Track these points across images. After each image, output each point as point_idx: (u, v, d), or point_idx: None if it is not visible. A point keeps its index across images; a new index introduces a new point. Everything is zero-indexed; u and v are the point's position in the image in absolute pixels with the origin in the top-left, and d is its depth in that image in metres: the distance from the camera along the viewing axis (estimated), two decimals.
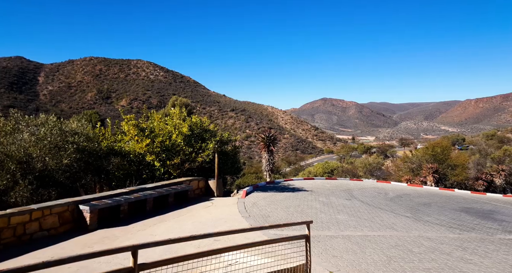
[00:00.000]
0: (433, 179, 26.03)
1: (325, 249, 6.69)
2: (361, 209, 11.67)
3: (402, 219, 10.30)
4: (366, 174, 40.39)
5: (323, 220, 9.43)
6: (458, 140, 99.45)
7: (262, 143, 22.14)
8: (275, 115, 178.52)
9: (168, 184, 10.33)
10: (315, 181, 21.34)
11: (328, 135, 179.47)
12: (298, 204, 11.94)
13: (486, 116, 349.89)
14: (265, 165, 21.72)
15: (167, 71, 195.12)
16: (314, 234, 7.84)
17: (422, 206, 13.27)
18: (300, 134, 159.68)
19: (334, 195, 14.93)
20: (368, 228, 8.70)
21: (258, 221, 8.65)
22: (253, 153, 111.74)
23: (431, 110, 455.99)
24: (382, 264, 5.83)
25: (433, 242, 7.51)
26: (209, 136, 12.60)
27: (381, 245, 7.06)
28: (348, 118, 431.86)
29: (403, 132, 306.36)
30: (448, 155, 30.95)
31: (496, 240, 7.94)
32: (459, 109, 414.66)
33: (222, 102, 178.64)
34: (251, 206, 10.85)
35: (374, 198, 14.71)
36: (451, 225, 9.65)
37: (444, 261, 6.09)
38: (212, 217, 8.87)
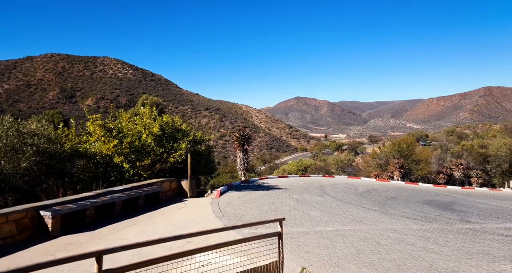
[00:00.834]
0: (399, 173, 27.31)
1: (298, 245, 6.79)
2: (332, 204, 11.97)
3: (371, 213, 10.69)
4: (338, 170, 41.60)
5: (297, 217, 9.57)
6: (422, 136, 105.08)
7: (236, 142, 22.07)
8: (249, 114, 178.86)
9: (138, 186, 10.01)
10: (289, 179, 21.63)
11: (302, 133, 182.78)
12: (273, 202, 12.03)
13: (446, 114, 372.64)
14: (240, 164, 21.68)
15: (137, 69, 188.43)
16: (288, 231, 7.95)
17: (389, 200, 13.85)
18: (275, 133, 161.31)
19: (307, 192, 15.21)
20: (339, 223, 8.94)
21: (232, 221, 8.61)
22: (228, 152, 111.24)
23: (398, 108, 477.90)
24: (352, 257, 6.02)
25: (399, 234, 7.87)
26: (181, 136, 12.34)
27: (351, 239, 7.28)
28: (320, 117, 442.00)
29: (372, 129, 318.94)
30: (413, 151, 32.50)
31: (454, 230, 8.46)
32: (422, 107, 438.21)
33: (196, 101, 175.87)
34: (225, 205, 10.78)
35: (345, 194, 15.16)
36: (415, 217, 10.17)
37: (409, 251, 6.40)
38: (185, 219, 8.71)
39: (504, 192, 20.65)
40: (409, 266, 5.55)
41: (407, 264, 5.63)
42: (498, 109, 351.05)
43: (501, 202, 15.08)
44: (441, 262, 5.72)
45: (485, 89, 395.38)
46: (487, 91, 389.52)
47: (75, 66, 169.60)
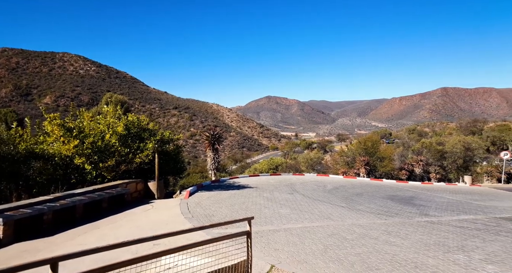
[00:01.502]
0: (365, 170, 28.42)
1: (268, 243, 6.83)
2: (302, 202, 12.19)
3: (338, 209, 11.02)
4: (308, 168, 42.45)
5: (267, 215, 9.63)
6: (386, 134, 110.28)
7: (207, 142, 21.77)
8: (220, 113, 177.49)
9: (101, 188, 9.54)
10: (260, 178, 21.74)
11: (273, 132, 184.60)
12: (243, 201, 12.02)
13: (408, 113, 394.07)
14: (210, 164, 21.42)
15: (100, 66, 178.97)
16: (258, 229, 7.97)
17: (355, 196, 14.37)
18: (246, 132, 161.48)
19: (278, 190, 15.37)
20: (308, 220, 9.12)
21: (202, 221, 8.48)
22: (198, 152, 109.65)
23: (364, 107, 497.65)
24: (319, 253, 6.15)
25: (363, 228, 8.18)
26: (148, 136, 11.93)
27: (319, 235, 7.45)
28: (291, 116, 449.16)
29: (340, 128, 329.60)
30: (377, 149, 33.94)
31: (414, 223, 8.96)
32: (386, 106, 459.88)
33: (164, 99, 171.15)
34: (194, 206, 10.60)
35: (314, 191, 15.51)
36: (379, 212, 10.63)
37: (373, 245, 6.67)
38: (152, 221, 8.44)
39: (459, 186, 22.20)
40: (373, 259, 5.78)
41: (370, 258, 5.86)
42: (454, 108, 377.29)
43: (456, 195, 16.19)
44: (402, 254, 6.02)
45: (442, 89, 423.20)
46: (444, 91, 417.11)
47: (30, 62, 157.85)
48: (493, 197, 16.32)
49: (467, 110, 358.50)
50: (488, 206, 12.49)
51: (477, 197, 15.65)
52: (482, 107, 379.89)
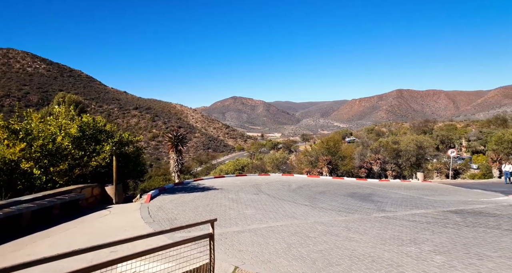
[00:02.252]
0: (327, 169, 29.42)
1: (232, 244, 6.78)
2: (267, 202, 12.28)
3: (301, 208, 11.24)
4: (274, 168, 42.96)
5: (231, 217, 9.56)
6: (347, 134, 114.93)
7: (169, 143, 21.13)
8: (184, 113, 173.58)
9: (52, 194, 8.85)
10: (226, 179, 21.58)
11: (239, 133, 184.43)
12: (208, 203, 11.83)
13: (367, 113, 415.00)
14: (173, 166, 20.82)
15: (51, 64, 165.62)
16: (222, 231, 7.89)
17: (318, 195, 14.78)
18: (212, 133, 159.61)
19: (243, 191, 15.35)
20: (272, 220, 9.19)
21: (163, 226, 8.21)
22: (161, 153, 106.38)
23: (326, 108, 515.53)
24: (283, 252, 6.22)
25: (325, 226, 8.42)
26: (105, 137, 11.29)
27: (283, 234, 7.53)
28: (257, 116, 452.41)
29: (304, 128, 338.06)
30: (339, 148, 35.29)
31: (372, 219, 9.40)
32: (347, 107, 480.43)
33: (123, 99, 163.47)
34: (156, 210, 10.23)
35: (279, 191, 15.70)
36: (340, 209, 11.02)
37: (334, 241, 6.88)
38: (110, 227, 8.00)
39: (412, 183, 23.75)
40: (334, 255, 5.96)
41: (331, 254, 6.04)
42: (408, 109, 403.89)
43: (409, 191, 17.28)
44: (360, 249, 6.28)
45: (397, 91, 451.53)
46: (399, 93, 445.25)
47: None
48: (442, 192, 17.65)
49: (419, 111, 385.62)
50: (438, 201, 13.48)
51: (428, 193, 16.82)
52: (432, 108, 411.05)
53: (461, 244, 6.45)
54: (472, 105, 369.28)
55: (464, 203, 12.47)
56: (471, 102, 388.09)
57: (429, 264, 5.32)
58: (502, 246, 6.24)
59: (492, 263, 5.27)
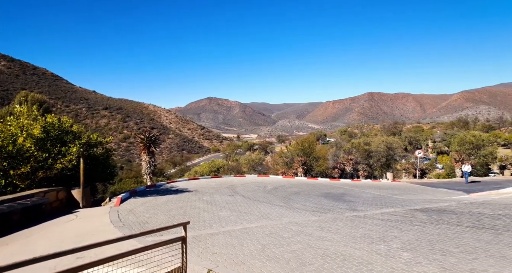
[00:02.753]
0: (302, 170, 29.83)
1: (206, 247, 6.69)
2: (242, 203, 12.23)
3: (276, 208, 11.31)
4: (250, 170, 42.95)
5: (206, 219, 9.43)
6: (321, 135, 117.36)
7: (141, 144, 20.48)
8: (158, 114, 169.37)
9: (11, 199, 8.28)
10: (200, 181, 21.29)
11: (214, 134, 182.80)
12: (181, 205, 11.60)
13: (340, 115, 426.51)
14: (146, 168, 20.19)
15: (12, 60, 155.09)
16: (196, 234, 7.76)
17: (293, 195, 14.94)
18: (186, 134, 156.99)
19: (218, 192, 15.21)
20: (247, 221, 9.17)
21: (134, 230, 7.93)
22: (132, 155, 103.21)
23: (302, 110, 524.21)
24: (257, 253, 6.21)
25: (299, 226, 8.51)
26: (71, 139, 10.74)
27: (257, 235, 7.52)
28: (233, 117, 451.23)
29: (280, 129, 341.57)
30: (313, 149, 35.93)
31: (344, 218, 9.64)
32: (321, 109, 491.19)
33: (92, 99, 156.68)
34: (126, 214, 9.87)
35: (254, 192, 15.71)
36: (314, 209, 11.20)
37: (307, 241, 6.97)
38: (76, 232, 7.61)
39: (382, 183, 24.63)
40: (307, 255, 6.03)
41: (305, 253, 6.11)
42: (378, 111, 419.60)
43: (379, 191, 17.91)
44: (333, 248, 6.40)
45: (369, 94, 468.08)
46: (370, 96, 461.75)
47: None
48: (409, 191, 18.46)
49: (389, 113, 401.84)
50: (405, 200, 14.07)
51: (397, 192, 17.52)
52: (401, 111, 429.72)
53: (426, 241, 6.75)
54: (437, 108, 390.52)
55: (430, 201, 13.10)
56: (437, 105, 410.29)
57: (396, 261, 5.52)
58: (463, 242, 6.61)
59: (454, 259, 5.56)
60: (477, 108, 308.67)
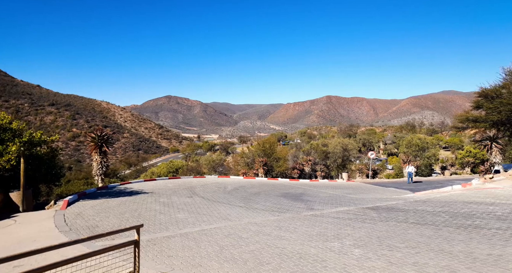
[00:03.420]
0: (263, 170, 30.16)
1: (161, 250, 6.46)
2: (201, 205, 12.02)
3: (236, 209, 11.27)
4: (210, 170, 42.42)
5: (162, 221, 9.12)
6: (282, 137, 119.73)
7: (92, 144, 19.19)
8: (111, 112, 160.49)
9: None
10: (157, 182, 20.57)
11: (173, 134, 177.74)
12: (136, 208, 11.09)
13: (300, 117, 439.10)
14: (97, 169, 18.95)
15: None
16: (151, 237, 7.47)
17: (253, 196, 15.01)
18: (143, 133, 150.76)
19: (176, 194, 14.79)
20: (206, 223, 9.01)
21: (82, 234, 7.40)
22: (83, 155, 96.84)
23: (263, 111, 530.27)
24: (215, 254, 6.12)
25: (258, 226, 8.56)
26: (10, 137, 9.73)
27: (215, 237, 7.43)
28: (193, 117, 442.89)
29: (242, 130, 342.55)
30: (274, 150, 36.49)
31: (302, 217, 9.89)
32: (282, 110, 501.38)
33: (36, 94, 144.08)
34: (74, 217, 9.19)
35: (214, 193, 15.52)
36: (273, 209, 11.35)
37: (265, 241, 7.02)
38: (14, 238, 6.91)
39: (338, 182, 25.75)
40: (265, 254, 6.07)
41: (263, 253, 6.14)
42: (336, 114, 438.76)
43: (335, 190, 18.69)
44: (290, 247, 6.52)
45: (327, 97, 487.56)
46: (328, 99, 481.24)
47: None
48: (362, 190, 19.52)
49: (346, 116, 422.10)
50: (359, 198, 14.84)
51: (351, 191, 18.42)
52: (356, 114, 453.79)
53: (376, 237, 7.16)
54: (388, 112, 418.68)
55: (380, 200, 13.95)
56: (388, 109, 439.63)
57: (349, 257, 5.77)
58: (408, 237, 7.11)
59: (400, 253, 5.95)
60: (422, 113, 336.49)
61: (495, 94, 29.92)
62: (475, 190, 14.07)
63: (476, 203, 10.82)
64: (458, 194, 13.66)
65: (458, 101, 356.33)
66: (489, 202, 10.91)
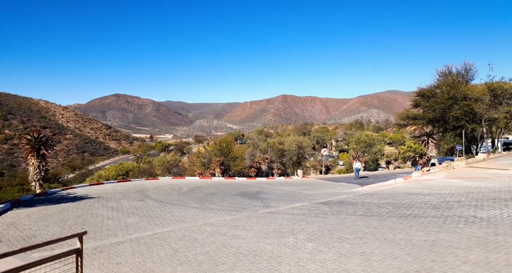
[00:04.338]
0: (220, 170, 29.90)
1: (109, 258, 6.08)
2: (153, 208, 11.53)
3: (191, 211, 11.00)
4: (164, 172, 40.98)
5: (110, 227, 8.58)
6: (239, 136, 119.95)
7: (28, 147, 17.28)
8: (51, 111, 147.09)
9: None
10: (105, 186, 19.35)
11: (123, 134, 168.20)
12: (80, 214, 10.28)
13: (257, 116, 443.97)
14: (34, 174, 17.09)
15: None
16: (98, 244, 6.99)
17: (209, 196, 14.78)
18: (89, 134, 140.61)
19: (126, 198, 14.02)
20: (158, 226, 8.66)
21: (15, 246, 6.63)
22: (17, 159, 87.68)
23: (220, 110, 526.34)
24: (167, 258, 5.91)
25: (214, 226, 8.43)
26: None
27: (169, 240, 7.16)
28: (145, 116, 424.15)
29: (198, 129, 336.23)
30: (231, 149, 36.37)
31: (258, 215, 9.97)
32: (239, 109, 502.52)
33: None
34: (6, 228, 8.25)
35: (168, 195, 14.99)
36: (230, 209, 11.28)
37: (221, 241, 6.93)
38: None
39: (294, 179, 26.48)
40: (220, 255, 5.99)
41: (218, 254, 6.05)
42: (291, 113, 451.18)
43: (291, 187, 19.17)
44: (246, 245, 6.51)
45: (282, 96, 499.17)
46: (284, 98, 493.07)
47: None
48: (316, 186, 20.29)
49: (300, 115, 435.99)
50: (313, 194, 15.39)
51: (305, 187, 19.04)
52: (310, 113, 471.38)
53: (328, 231, 7.47)
54: (339, 110, 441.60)
55: (332, 194, 14.61)
56: (339, 108, 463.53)
57: (302, 252, 5.93)
58: (356, 229, 7.52)
59: (349, 244, 6.27)
60: (370, 111, 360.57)
61: (430, 93, 33.21)
62: (415, 182, 15.39)
63: (415, 194, 11.83)
64: (400, 186, 14.83)
65: (400, 100, 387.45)
66: (426, 192, 12.00)
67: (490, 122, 30.30)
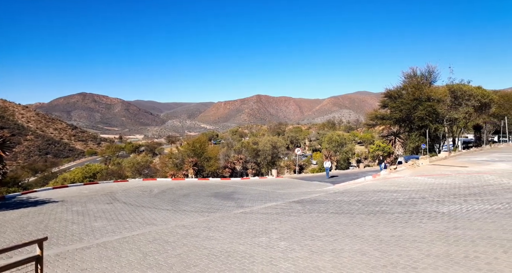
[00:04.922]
0: (193, 171, 29.45)
1: (73, 264, 5.77)
2: (122, 211, 11.10)
3: (163, 213, 10.71)
4: (134, 173, 39.72)
5: (75, 232, 8.15)
6: (213, 136, 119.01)
7: None
8: (9, 111, 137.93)
9: None
10: (70, 189, 18.41)
11: (90, 135, 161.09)
12: (41, 219, 9.69)
13: (231, 116, 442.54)
14: None
15: None
16: (61, 250, 6.62)
17: (182, 198, 14.48)
18: (52, 135, 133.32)
19: (93, 201, 13.41)
20: (127, 230, 8.35)
21: None
22: None
23: (193, 109, 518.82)
24: (137, 262, 5.71)
25: (186, 228, 8.26)
26: None
27: (138, 244, 6.92)
28: (114, 116, 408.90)
29: (170, 129, 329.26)
30: (205, 149, 35.95)
31: (232, 215, 9.90)
32: (213, 109, 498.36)
33: None
34: None
35: (138, 197, 14.52)
36: (203, 210, 11.11)
37: (193, 243, 6.80)
38: None
39: (268, 179, 26.62)
40: (192, 257, 5.87)
41: (190, 256, 5.93)
42: (265, 113, 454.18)
43: (265, 187, 19.26)
44: (219, 246, 6.43)
45: (257, 96, 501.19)
46: (258, 98, 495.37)
47: None
48: (290, 185, 20.54)
49: (275, 115, 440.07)
50: (286, 193, 15.55)
51: (279, 187, 19.21)
52: (284, 113, 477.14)
53: (300, 229, 7.56)
54: (313, 111, 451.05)
55: (305, 193, 14.85)
56: (312, 108, 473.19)
57: (275, 251, 5.96)
58: (328, 226, 7.68)
59: (321, 242, 6.38)
60: (341, 111, 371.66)
61: (397, 94, 34.82)
62: (383, 180, 16.03)
63: (383, 191, 12.31)
64: (370, 184, 15.38)
65: (369, 101, 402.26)
66: (393, 189, 12.53)
67: (451, 122, 32.33)
